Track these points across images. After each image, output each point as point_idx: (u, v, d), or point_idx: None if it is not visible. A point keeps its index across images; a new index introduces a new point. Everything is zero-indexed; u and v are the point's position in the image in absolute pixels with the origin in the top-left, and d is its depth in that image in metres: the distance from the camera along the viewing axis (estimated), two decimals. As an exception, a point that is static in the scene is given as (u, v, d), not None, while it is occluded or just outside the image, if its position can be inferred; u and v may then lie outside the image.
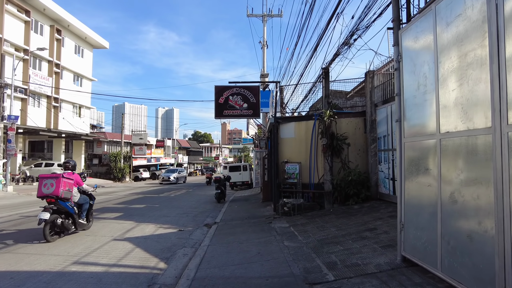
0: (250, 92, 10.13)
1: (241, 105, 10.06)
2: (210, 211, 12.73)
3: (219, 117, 10.08)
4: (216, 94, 10.06)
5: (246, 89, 10.12)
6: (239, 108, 10.08)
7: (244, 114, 10.17)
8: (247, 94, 10.11)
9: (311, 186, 9.91)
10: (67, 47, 32.88)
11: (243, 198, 17.34)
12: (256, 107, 10.10)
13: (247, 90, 10.13)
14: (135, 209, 12.86)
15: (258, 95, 10.11)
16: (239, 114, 10.17)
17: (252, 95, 10.13)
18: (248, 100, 10.10)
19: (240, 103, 10.05)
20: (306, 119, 9.98)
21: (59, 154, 33.61)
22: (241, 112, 10.11)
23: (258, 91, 10.10)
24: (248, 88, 10.19)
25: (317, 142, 9.95)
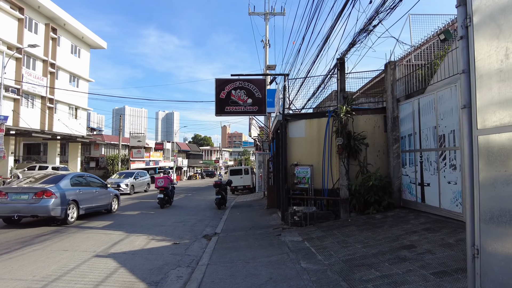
0: (255, 86, 8.99)
1: (244, 101, 8.93)
2: (210, 219, 11.55)
3: (220, 114, 8.94)
4: (217, 88, 8.92)
5: (250, 82, 8.98)
6: (243, 104, 8.95)
7: (248, 110, 9.01)
8: (251, 88, 8.98)
9: (325, 192, 8.75)
10: (63, 47, 31.85)
11: (246, 204, 16.16)
12: (262, 103, 8.96)
13: (251, 84, 9.00)
14: (128, 217, 11.68)
15: (264, 89, 8.96)
16: (243, 111, 9.01)
17: (257, 89, 8.99)
18: (252, 95, 8.96)
19: (243, 98, 8.92)
20: (318, 116, 8.86)
21: (53, 157, 32.47)
22: (245, 108, 8.96)
23: (264, 85, 8.96)
24: (252, 81, 9.05)
25: (331, 142, 8.81)
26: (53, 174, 10.87)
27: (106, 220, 10.77)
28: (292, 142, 8.98)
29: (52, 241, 7.45)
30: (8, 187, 11.25)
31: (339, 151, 8.46)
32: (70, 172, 13.74)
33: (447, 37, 5.90)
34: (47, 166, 29.02)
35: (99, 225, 9.84)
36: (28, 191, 9.29)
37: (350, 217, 8.24)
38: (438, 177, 6.69)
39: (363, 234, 6.30)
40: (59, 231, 8.62)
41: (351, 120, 8.55)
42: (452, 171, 6.24)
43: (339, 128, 8.44)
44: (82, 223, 10.14)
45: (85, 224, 9.97)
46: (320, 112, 9.04)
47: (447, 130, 6.43)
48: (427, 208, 7.13)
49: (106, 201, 11.96)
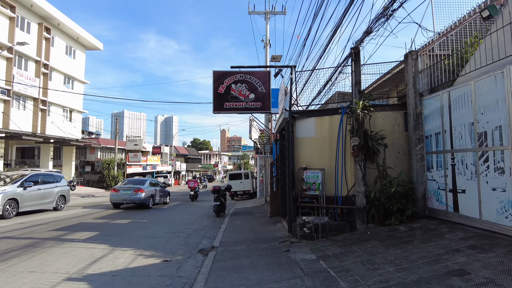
0: (258, 80, 7.93)
1: (246, 96, 7.86)
2: (207, 228, 10.45)
3: (219, 111, 7.85)
4: (215, 82, 7.84)
5: (252, 75, 7.91)
6: (244, 99, 7.88)
7: (251, 107, 7.93)
8: (254, 82, 7.91)
9: (338, 200, 7.67)
10: (57, 47, 30.86)
11: (246, 211, 15.05)
12: (266, 98, 7.88)
13: (254, 77, 7.92)
14: (117, 226, 10.56)
15: (268, 83, 7.90)
16: (244, 107, 7.92)
17: (261, 83, 7.92)
18: (255, 89, 7.89)
19: (245, 93, 7.86)
20: (330, 113, 7.82)
21: (46, 161, 31.35)
22: (247, 104, 7.89)
23: (268, 78, 7.90)
24: (255, 74, 7.98)
25: (345, 143, 7.75)
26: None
27: (92, 230, 9.66)
28: (300, 143, 7.92)
29: (19, 258, 6.34)
30: (118, 186, 17.19)
31: (355, 152, 7.40)
32: (148, 178, 21.43)
33: (492, 13, 4.88)
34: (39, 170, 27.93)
35: (82, 236, 8.72)
36: (130, 188, 15.87)
37: (368, 229, 7.15)
38: (477, 183, 5.63)
39: (391, 251, 5.22)
40: (33, 245, 7.50)
41: (368, 117, 7.50)
42: (498, 176, 5.18)
43: (355, 126, 7.39)
44: (65, 234, 9.03)
45: (67, 235, 8.86)
46: (332, 108, 8.00)
47: (489, 127, 5.38)
48: (462, 219, 6.06)
49: (164, 196, 18.60)
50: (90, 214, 13.84)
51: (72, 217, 12.75)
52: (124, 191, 15.71)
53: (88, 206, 17.35)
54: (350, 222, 7.53)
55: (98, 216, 13.21)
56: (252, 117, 18.66)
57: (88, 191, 32.08)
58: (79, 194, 27.25)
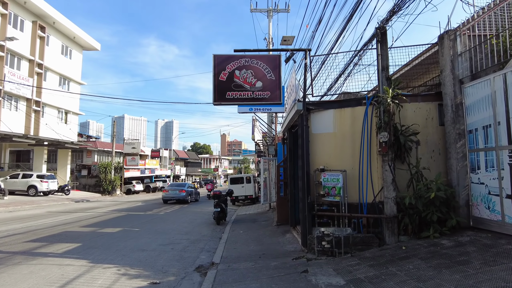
0: (266, 65, 6.68)
1: (252, 84, 6.63)
2: (206, 239, 9.19)
3: (220, 102, 6.62)
4: (216, 68, 6.61)
5: (260, 60, 6.67)
6: (250, 88, 6.64)
7: (258, 97, 6.66)
8: (261, 67, 6.68)
9: (363, 207, 6.42)
10: (52, 46, 29.79)
11: (249, 218, 13.78)
12: (276, 87, 6.64)
13: (261, 62, 6.68)
14: (103, 236, 9.31)
15: (279, 69, 6.66)
16: (250, 98, 6.65)
17: (269, 69, 6.69)
18: (263, 76, 6.65)
19: (251, 81, 6.63)
20: (352, 104, 6.61)
21: (40, 164, 30.14)
22: (253, 94, 6.64)
23: (278, 63, 6.66)
24: (263, 58, 6.73)
25: (370, 139, 6.53)
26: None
27: (74, 241, 8.41)
28: (317, 140, 6.70)
29: (-30, 281, 5.10)
30: (168, 188, 24.00)
31: (383, 150, 6.18)
32: (186, 182, 30.56)
33: None
34: (31, 174, 26.73)
35: (60, 249, 7.47)
36: (176, 189, 22.43)
37: (400, 242, 5.91)
38: (551, 187, 4.40)
39: (446, 276, 3.97)
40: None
41: (399, 108, 6.28)
42: None
43: (383, 119, 6.17)
44: (41, 246, 7.79)
45: (43, 248, 7.61)
46: (355, 99, 6.79)
47: None
48: (525, 233, 4.81)
49: (196, 195, 24.08)
50: (78, 221, 12.58)
51: (58, 224, 11.51)
52: (172, 191, 22.46)
53: (80, 212, 16.10)
54: (377, 234, 6.29)
55: (86, 223, 11.95)
56: (255, 117, 17.46)
57: (83, 195, 30.81)
58: (73, 199, 25.98)
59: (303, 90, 6.56)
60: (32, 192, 25.65)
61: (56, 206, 20.04)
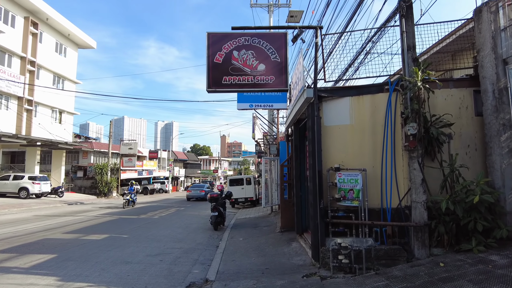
0: (270, 44, 5.60)
1: (253, 67, 5.56)
2: (202, 248, 8.13)
3: (214, 89, 5.51)
4: (210, 48, 5.52)
5: (262, 38, 5.59)
6: (251, 71, 5.56)
7: (260, 82, 5.56)
8: (264, 48, 5.60)
9: (387, 213, 5.37)
10: (45, 44, 28.78)
11: (250, 222, 12.72)
12: (281, 70, 5.56)
13: (264, 41, 5.59)
14: (85, 245, 8.24)
15: (285, 49, 5.56)
16: (251, 83, 5.55)
17: (274, 49, 5.62)
18: (266, 58, 5.58)
19: (252, 63, 5.56)
20: (372, 90, 5.59)
21: (32, 165, 29.07)
22: (254, 79, 5.54)
23: (284, 42, 5.56)
24: (265, 37, 5.63)
25: (394, 132, 5.50)
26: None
27: (50, 251, 7.35)
28: (330, 134, 5.66)
29: None
30: (191, 188, 29.70)
31: (411, 145, 5.14)
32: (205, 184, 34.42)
33: None
34: (23, 175, 25.70)
35: (29, 262, 6.41)
36: (197, 189, 28.43)
37: (434, 256, 4.86)
38: None
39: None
40: None
41: (430, 93, 5.24)
42: None
43: (411, 108, 5.13)
44: (7, 258, 6.73)
45: (9, 261, 6.55)
46: (376, 84, 5.76)
47: None
48: None
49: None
50: (63, 226, 11.53)
51: (39, 230, 10.46)
52: (194, 191, 27.99)
53: (70, 215, 15.04)
54: (403, 245, 5.24)
55: (71, 229, 10.89)
56: (255, 114, 16.43)
57: (77, 197, 29.75)
58: (66, 202, 24.93)
59: (313, 74, 5.53)
60: (24, 194, 24.61)
61: (47, 209, 19.00)
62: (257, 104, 14.97)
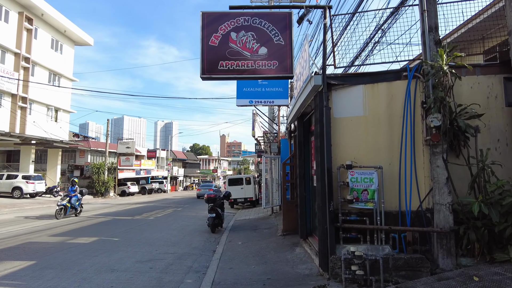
0: (273, 25, 4.93)
1: (254, 50, 4.88)
2: (197, 253, 7.47)
3: (210, 75, 4.82)
4: (205, 29, 4.84)
5: (264, 18, 4.89)
6: (251, 55, 4.89)
7: (262, 68, 4.88)
8: (267, 29, 4.94)
9: (407, 216, 4.71)
10: (41, 40, 28.11)
11: (249, 224, 12.06)
12: (286, 54, 4.87)
13: (266, 21, 4.91)
14: (69, 250, 7.57)
15: (290, 30, 4.87)
16: (251, 69, 4.85)
17: (277, 30, 4.93)
18: (269, 40, 4.90)
19: (252, 46, 4.88)
20: (389, 77, 4.92)
21: (27, 164, 28.40)
22: (255, 64, 4.85)
23: (288, 22, 4.88)
24: (268, 17, 4.95)
25: (414, 125, 4.83)
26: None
27: (28, 257, 6.69)
28: (341, 126, 5.00)
29: None
30: (200, 187, 34.97)
31: (434, 138, 4.48)
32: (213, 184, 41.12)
33: None
34: (16, 175, 25.07)
35: (2, 270, 5.74)
36: (206, 188, 31.80)
37: (460, 266, 4.20)
38: None
39: None
40: None
41: (456, 80, 4.58)
42: None
43: (435, 96, 4.47)
44: (-19, 265, 6.07)
45: (-18, 268, 5.89)
46: (392, 71, 5.09)
47: None
48: None
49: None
50: (51, 228, 10.87)
51: (24, 233, 9.80)
52: (203, 190, 29.81)
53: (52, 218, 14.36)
54: (425, 253, 4.58)
55: (59, 231, 10.23)
56: (255, 111, 15.76)
57: (73, 198, 29.03)
58: (61, 202, 24.18)
59: (322, 60, 4.87)
60: (17, 194, 23.98)
61: (40, 209, 18.34)
62: (257, 100, 14.30)
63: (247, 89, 14.14)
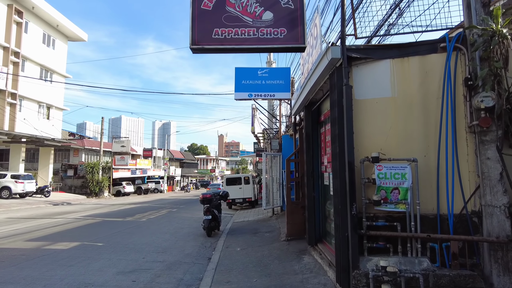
0: (281, -14, 4.09)
1: (257, 15, 3.96)
2: (190, 261, 6.50)
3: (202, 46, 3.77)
4: None
5: None
6: (253, 22, 3.95)
7: (267, 36, 3.89)
8: (273, -10, 4.07)
9: (449, 221, 3.77)
10: (32, 34, 27.05)
11: (249, 227, 11.10)
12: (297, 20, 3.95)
13: None
14: (44, 257, 6.60)
15: None
16: (254, 38, 3.83)
17: (286, -8, 4.08)
18: (275, 3, 3.91)
19: (254, 11, 3.92)
20: (421, 50, 3.95)
21: (17, 163, 27.35)
22: (258, 32, 3.88)
23: None
24: None
25: (455, 107, 3.89)
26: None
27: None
28: (363, 110, 4.06)
29: None
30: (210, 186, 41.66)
31: (483, 123, 3.55)
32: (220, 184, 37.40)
33: None
34: (5, 174, 24.04)
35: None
36: (215, 187, 33.55)
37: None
38: None
39: None
40: None
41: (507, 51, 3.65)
42: None
43: (488, 70, 3.53)
44: None
45: None
46: (426, 42, 4.14)
47: None
48: None
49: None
50: (32, 231, 9.89)
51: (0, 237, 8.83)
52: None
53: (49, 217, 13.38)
54: (472, 267, 3.65)
55: (38, 235, 9.25)
56: (255, 105, 14.82)
57: (65, 197, 28.06)
58: (52, 202, 23.28)
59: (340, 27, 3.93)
60: (5, 194, 22.96)
61: (27, 210, 17.32)
62: (257, 93, 13.33)
63: (246, 81, 13.20)
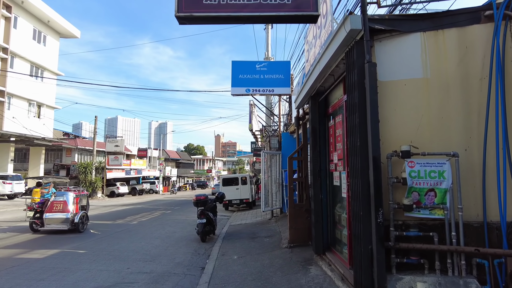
0: None
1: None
2: (180, 272, 5.73)
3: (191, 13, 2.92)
4: None
5: None
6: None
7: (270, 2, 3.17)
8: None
9: (502, 230, 3.05)
10: (21, 30, 26.10)
11: (247, 231, 10.33)
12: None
13: None
14: (13, 269, 5.79)
15: None
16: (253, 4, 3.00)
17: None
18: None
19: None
20: (460, 20, 3.24)
21: (5, 163, 26.38)
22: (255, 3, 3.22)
23: None
24: None
25: (503, 89, 3.16)
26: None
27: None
28: (389, 94, 3.33)
29: None
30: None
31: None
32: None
33: None
34: (-12, 175, 23.10)
35: None
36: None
37: None
38: None
39: None
40: None
41: None
42: None
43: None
44: None
45: None
46: (465, 10, 3.41)
47: None
48: None
49: None
50: (8, 237, 9.07)
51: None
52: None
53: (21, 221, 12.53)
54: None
55: (14, 241, 8.43)
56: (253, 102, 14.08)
57: (56, 199, 27.06)
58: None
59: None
60: (-7, 195, 22.08)
61: (12, 212, 16.43)
62: (255, 88, 12.61)
63: (244, 75, 12.49)
